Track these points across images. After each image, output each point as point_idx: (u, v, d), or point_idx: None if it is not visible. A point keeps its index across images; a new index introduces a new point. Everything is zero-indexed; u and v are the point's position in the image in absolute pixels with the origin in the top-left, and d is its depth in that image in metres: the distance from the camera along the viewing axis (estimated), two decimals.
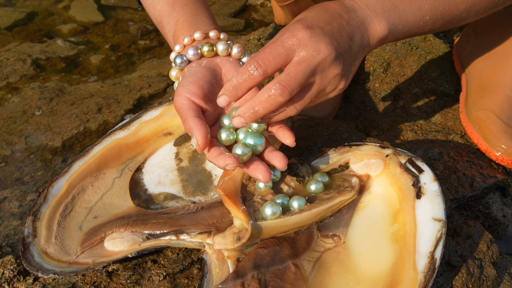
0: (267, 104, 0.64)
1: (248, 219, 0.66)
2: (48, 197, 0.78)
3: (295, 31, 0.65)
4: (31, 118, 1.20)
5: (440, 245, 0.66)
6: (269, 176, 0.66)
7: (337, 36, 0.66)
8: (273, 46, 0.64)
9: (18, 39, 1.65)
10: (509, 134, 0.96)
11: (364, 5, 0.70)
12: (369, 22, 0.70)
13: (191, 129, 0.67)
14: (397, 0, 0.72)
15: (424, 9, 0.73)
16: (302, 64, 0.64)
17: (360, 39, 0.69)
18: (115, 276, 0.72)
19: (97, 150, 0.83)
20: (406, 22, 0.72)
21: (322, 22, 0.67)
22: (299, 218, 0.70)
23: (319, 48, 0.64)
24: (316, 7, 0.70)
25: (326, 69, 0.65)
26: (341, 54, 0.66)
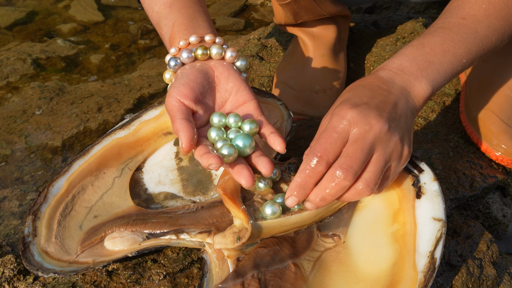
0: (333, 191, 0.64)
1: (248, 219, 0.66)
2: (48, 197, 0.78)
3: (342, 113, 0.65)
4: (31, 117, 1.20)
5: (440, 245, 0.66)
6: (252, 182, 0.65)
7: (383, 107, 0.67)
8: (326, 134, 0.65)
9: (18, 39, 1.66)
10: (509, 134, 0.96)
11: (400, 71, 0.71)
12: (409, 86, 0.71)
13: (177, 131, 0.67)
14: (429, 55, 0.72)
15: (459, 54, 0.74)
16: (358, 141, 0.64)
17: (405, 104, 0.69)
18: (115, 276, 0.72)
19: (97, 150, 0.83)
20: (445, 73, 0.73)
21: (365, 98, 0.67)
22: (299, 218, 0.70)
23: (370, 122, 0.65)
24: (354, 86, 0.71)
25: (384, 140, 0.65)
26: (393, 123, 0.66)
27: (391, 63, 0.73)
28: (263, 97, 0.85)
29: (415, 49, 0.73)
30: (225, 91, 0.74)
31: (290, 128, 0.82)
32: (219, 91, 0.74)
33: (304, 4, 1.05)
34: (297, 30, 1.16)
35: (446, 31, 0.74)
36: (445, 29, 0.75)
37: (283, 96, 1.11)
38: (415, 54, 0.73)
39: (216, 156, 0.64)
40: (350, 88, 0.72)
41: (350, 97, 0.69)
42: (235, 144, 0.68)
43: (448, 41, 0.73)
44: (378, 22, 1.40)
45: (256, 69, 1.25)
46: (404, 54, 0.73)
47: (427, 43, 0.74)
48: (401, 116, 0.68)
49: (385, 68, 0.72)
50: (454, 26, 0.75)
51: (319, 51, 1.14)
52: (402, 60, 0.72)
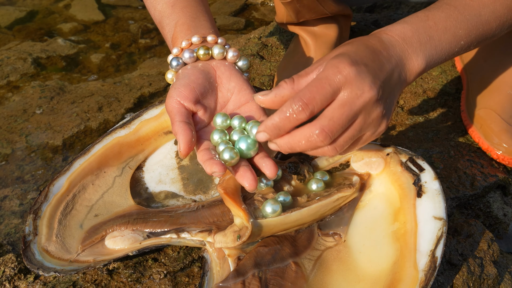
0: (305, 146, 0.62)
1: (249, 217, 0.66)
2: (49, 196, 0.78)
3: (341, 66, 0.62)
4: (32, 116, 1.20)
5: (441, 244, 0.66)
6: (255, 185, 0.65)
7: (379, 75, 0.65)
8: (319, 84, 0.61)
9: (19, 38, 1.66)
10: (511, 133, 0.96)
11: (401, 39, 0.69)
12: (406, 58, 0.69)
13: (176, 133, 0.67)
14: (432, 29, 0.71)
15: (459, 34, 0.72)
16: (345, 106, 0.62)
17: (397, 76, 0.68)
18: (116, 274, 0.72)
19: (97, 149, 0.83)
20: (442, 51, 0.72)
21: (365, 58, 0.65)
22: (299, 215, 0.69)
23: (363, 88, 0.62)
24: (356, 42, 0.68)
25: (369, 109, 0.63)
26: (383, 94, 0.65)
27: (394, 29, 0.70)
28: None
29: (419, 20, 0.72)
30: (227, 90, 0.74)
31: None
32: (221, 90, 0.74)
33: (306, 2, 1.04)
34: (298, 29, 1.16)
35: (452, 9, 0.73)
36: (451, 6, 0.73)
37: None
38: (418, 25, 0.71)
39: (219, 163, 0.64)
40: (351, 42, 0.68)
41: (351, 52, 0.65)
42: (238, 147, 0.68)
43: (452, 19, 0.72)
44: (379, 21, 1.40)
45: (257, 68, 1.25)
46: (408, 22, 0.71)
47: (431, 16, 0.72)
48: (391, 89, 0.67)
49: (387, 33, 0.70)
50: (460, 4, 0.73)
51: (320, 50, 1.14)
52: (405, 28, 0.70)
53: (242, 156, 0.68)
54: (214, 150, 0.68)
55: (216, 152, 0.67)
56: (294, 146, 0.63)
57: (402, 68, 0.69)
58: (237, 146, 0.68)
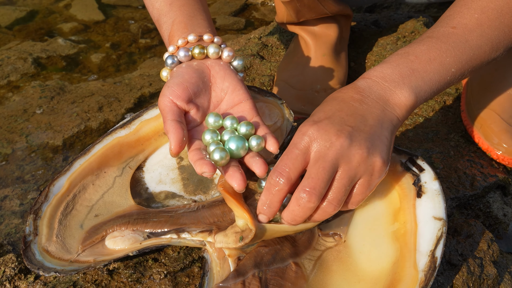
0: (301, 212, 0.64)
1: (254, 220, 0.66)
2: (49, 196, 0.78)
3: (303, 129, 0.65)
4: (32, 116, 1.20)
5: (441, 244, 0.66)
6: (243, 185, 0.65)
7: (348, 121, 0.65)
8: (288, 151, 0.64)
9: (19, 38, 1.66)
10: (511, 133, 0.96)
11: (379, 79, 0.69)
12: (388, 94, 0.68)
13: (167, 132, 0.67)
14: (414, 63, 0.70)
15: (447, 62, 0.71)
16: (319, 161, 0.63)
17: (380, 113, 0.67)
18: (116, 275, 0.72)
19: (98, 149, 0.83)
20: (431, 81, 0.70)
21: (330, 112, 0.66)
22: (303, 226, 0.69)
23: (330, 139, 0.63)
24: (327, 98, 0.70)
25: (346, 156, 0.63)
26: (358, 136, 0.64)
27: (373, 71, 0.70)
28: (263, 96, 0.85)
29: (399, 57, 0.71)
30: (221, 90, 0.74)
31: (290, 127, 0.82)
32: (215, 90, 0.74)
33: (307, 2, 1.05)
34: (298, 29, 1.16)
35: (434, 40, 0.72)
36: (432, 38, 0.72)
37: (284, 95, 1.11)
38: (398, 61, 0.70)
39: (209, 163, 0.64)
40: (322, 102, 0.70)
41: (316, 112, 0.67)
42: (228, 147, 0.68)
43: (435, 50, 0.71)
44: (379, 21, 1.40)
45: (257, 68, 1.25)
46: (387, 62, 0.71)
47: (412, 51, 0.71)
48: (371, 127, 0.65)
49: (365, 77, 0.70)
50: (442, 35, 0.72)
51: (320, 50, 1.14)
52: (384, 68, 0.70)
53: (232, 156, 0.68)
54: (205, 150, 0.68)
55: (207, 152, 0.68)
56: (293, 217, 0.65)
57: (385, 104, 0.68)
58: (227, 146, 0.68)
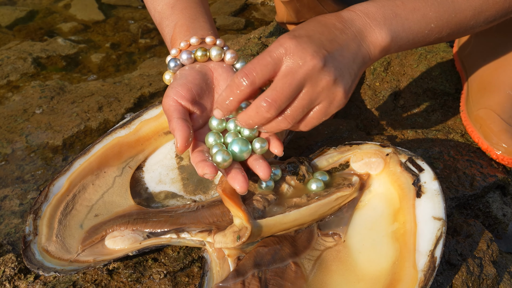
0: (256, 119, 0.65)
1: (248, 218, 0.66)
2: (49, 196, 0.78)
3: (282, 40, 0.64)
4: (32, 116, 1.20)
5: (440, 244, 0.66)
6: (246, 187, 0.65)
7: (326, 45, 0.65)
8: (260, 56, 0.64)
9: (19, 38, 1.66)
10: (510, 133, 0.96)
11: (363, 14, 0.69)
12: (368, 30, 0.69)
13: (173, 130, 0.67)
14: (399, 8, 0.70)
15: (429, 16, 0.71)
16: (288, 76, 0.63)
17: (356, 47, 0.67)
18: (116, 274, 0.72)
19: (98, 149, 0.83)
20: (410, 30, 0.71)
21: (311, 31, 0.66)
22: (298, 214, 0.70)
23: (305, 57, 0.63)
24: (311, 20, 0.69)
25: (314, 78, 0.64)
26: (331, 62, 0.64)
27: (358, 5, 0.71)
28: None
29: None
30: None
31: None
32: (218, 92, 0.74)
33: (306, 2, 1.05)
34: None
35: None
36: None
37: None
38: (384, 3, 0.71)
39: (210, 165, 0.64)
40: (306, 22, 0.69)
41: (298, 29, 0.67)
42: (231, 150, 0.68)
43: (421, 0, 0.71)
44: None
45: None
46: (374, 1, 0.71)
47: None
48: (345, 58, 0.66)
49: (350, 9, 0.70)
50: None
51: None
52: (369, 5, 0.70)
53: (235, 159, 0.69)
54: (208, 152, 0.68)
55: (209, 154, 0.68)
56: (249, 121, 0.65)
57: (362, 40, 0.68)
58: (230, 148, 0.68)
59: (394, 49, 0.71)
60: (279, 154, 0.69)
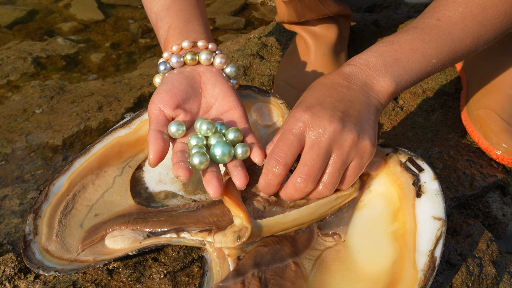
0: (297, 195, 0.69)
1: (249, 218, 0.66)
2: (49, 195, 0.78)
3: (297, 115, 0.67)
4: (32, 116, 1.20)
5: (440, 244, 0.67)
6: (219, 192, 0.65)
7: (338, 106, 0.68)
8: (284, 137, 0.67)
9: (19, 37, 1.66)
10: (510, 133, 0.96)
11: (364, 66, 0.72)
12: (372, 81, 0.71)
13: (148, 141, 0.68)
14: (397, 52, 0.73)
15: (428, 54, 0.73)
16: (314, 147, 0.66)
17: (365, 99, 0.70)
18: (116, 274, 0.72)
19: (98, 148, 0.83)
20: (413, 71, 0.73)
21: (321, 97, 0.69)
22: (298, 214, 0.70)
23: (324, 125, 0.66)
24: (315, 84, 0.73)
25: (339, 141, 0.67)
26: (349, 120, 0.67)
27: (358, 58, 0.73)
28: (263, 96, 0.85)
29: (384, 45, 0.74)
30: (211, 96, 0.75)
31: None
32: (205, 96, 0.75)
33: (308, 2, 1.05)
34: (299, 29, 1.16)
35: (418, 31, 0.74)
36: (417, 29, 0.75)
37: (284, 95, 1.11)
38: (382, 50, 0.73)
39: (184, 167, 0.64)
40: (311, 87, 0.73)
41: (306, 98, 0.70)
42: (213, 152, 0.68)
43: (418, 40, 0.73)
44: (379, 21, 1.40)
45: (257, 68, 1.25)
46: (372, 50, 0.74)
47: (396, 40, 0.74)
48: (359, 112, 0.69)
49: (350, 64, 0.73)
50: (427, 26, 0.75)
51: (320, 50, 1.14)
52: (368, 56, 0.73)
53: (216, 162, 0.68)
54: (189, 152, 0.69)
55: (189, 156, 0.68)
56: (292, 197, 0.70)
57: (370, 90, 0.71)
58: (212, 151, 0.68)
59: (400, 90, 0.74)
60: (260, 163, 0.70)
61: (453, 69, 1.20)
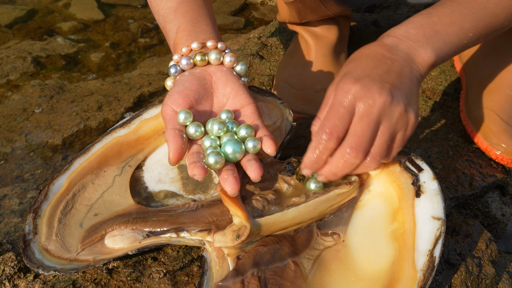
0: (345, 168, 0.68)
1: (247, 217, 0.67)
2: (49, 195, 0.78)
3: (346, 87, 0.67)
4: (31, 115, 1.20)
5: (439, 244, 0.67)
6: (236, 189, 0.66)
7: (386, 78, 0.68)
8: (334, 110, 0.67)
9: (19, 37, 1.66)
10: (509, 133, 0.96)
11: (405, 38, 0.72)
12: (414, 53, 0.72)
13: (167, 140, 0.69)
14: (437, 24, 0.73)
15: (466, 27, 0.74)
16: (364, 118, 0.66)
17: (409, 71, 0.71)
18: (116, 273, 0.72)
19: (97, 148, 0.83)
20: (451, 44, 0.74)
21: (367, 69, 0.69)
22: (296, 212, 0.70)
23: (373, 96, 0.66)
24: (358, 55, 0.72)
25: (388, 113, 0.67)
26: (397, 93, 0.68)
27: (398, 29, 0.74)
28: (263, 95, 0.85)
29: (423, 17, 0.74)
30: (223, 95, 0.75)
31: (290, 127, 0.82)
32: (217, 96, 0.75)
33: (309, 3, 1.05)
34: (300, 29, 1.16)
35: (456, 4, 0.75)
36: (454, 2, 0.76)
37: (283, 95, 1.11)
38: (422, 22, 0.74)
39: (200, 167, 0.65)
40: (353, 58, 0.73)
41: (353, 69, 0.70)
42: (224, 151, 0.68)
43: (456, 13, 0.74)
44: (378, 21, 1.40)
45: (256, 68, 1.25)
46: (411, 22, 0.74)
47: (435, 12, 0.74)
48: (405, 84, 0.69)
49: (390, 35, 0.73)
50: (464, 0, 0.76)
51: (321, 50, 1.14)
52: (409, 27, 0.73)
53: (229, 160, 0.69)
54: (203, 154, 0.69)
55: (204, 156, 0.68)
56: (336, 171, 0.69)
57: (412, 62, 0.71)
58: (223, 149, 0.69)
59: (439, 62, 0.75)
60: (272, 153, 0.70)
61: (453, 69, 1.20)
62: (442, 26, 0.74)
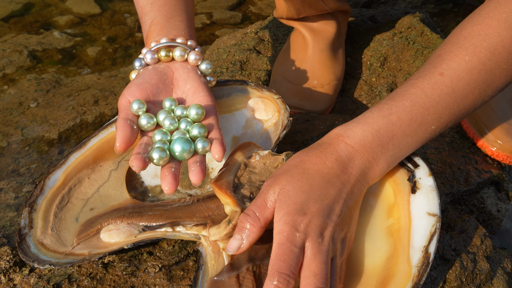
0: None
1: (236, 202, 0.66)
2: (45, 189, 0.78)
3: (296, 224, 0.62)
4: (28, 109, 1.20)
5: (434, 240, 0.67)
6: (173, 189, 0.64)
7: (335, 210, 0.64)
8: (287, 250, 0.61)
9: (15, 31, 1.65)
10: (505, 129, 0.97)
11: (361, 148, 0.67)
12: (368, 168, 0.68)
13: (116, 129, 0.68)
14: (395, 126, 0.68)
15: (427, 121, 0.68)
16: (317, 256, 0.61)
17: (358, 191, 0.68)
18: (111, 268, 0.72)
19: (93, 142, 0.83)
20: (406, 145, 0.70)
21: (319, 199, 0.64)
22: None
23: (322, 234, 0.63)
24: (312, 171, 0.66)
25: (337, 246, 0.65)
26: (344, 222, 0.66)
27: (354, 134, 0.68)
28: (259, 90, 0.85)
29: (381, 117, 0.68)
30: (183, 92, 0.75)
31: (286, 122, 0.82)
32: (176, 92, 0.75)
33: None
34: (297, 24, 1.16)
35: (418, 92, 0.68)
36: (417, 89, 0.68)
37: (280, 90, 1.11)
38: (379, 124, 0.68)
39: (140, 159, 0.64)
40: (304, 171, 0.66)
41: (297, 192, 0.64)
42: (172, 148, 0.68)
43: (418, 107, 0.68)
44: (376, 17, 1.40)
45: (253, 63, 1.25)
46: (369, 124, 0.68)
47: (395, 109, 0.68)
48: (351, 208, 0.67)
49: (347, 142, 0.68)
50: (428, 85, 0.68)
51: (318, 46, 1.14)
52: (366, 132, 0.68)
53: (176, 158, 0.68)
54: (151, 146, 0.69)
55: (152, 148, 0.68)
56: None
57: (363, 180, 0.69)
58: (172, 147, 0.68)
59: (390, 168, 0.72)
60: (219, 160, 0.68)
61: None
62: (400, 127, 0.68)
